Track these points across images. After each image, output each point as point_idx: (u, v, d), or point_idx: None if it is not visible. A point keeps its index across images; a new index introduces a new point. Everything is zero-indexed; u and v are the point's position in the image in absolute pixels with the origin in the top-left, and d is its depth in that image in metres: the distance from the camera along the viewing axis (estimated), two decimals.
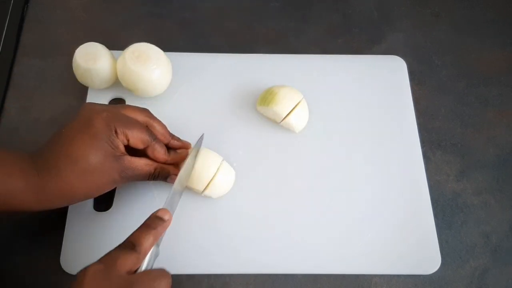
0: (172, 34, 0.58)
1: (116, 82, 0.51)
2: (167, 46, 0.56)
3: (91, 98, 0.51)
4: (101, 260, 0.34)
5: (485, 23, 0.61)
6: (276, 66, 0.55)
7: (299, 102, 0.49)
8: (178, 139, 0.46)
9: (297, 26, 0.60)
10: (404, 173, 0.49)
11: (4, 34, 0.56)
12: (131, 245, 0.35)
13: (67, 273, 0.43)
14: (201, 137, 0.46)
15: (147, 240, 0.36)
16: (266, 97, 0.49)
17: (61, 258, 0.44)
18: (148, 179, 0.42)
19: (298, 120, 0.49)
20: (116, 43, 0.53)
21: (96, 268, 0.32)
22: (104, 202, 0.46)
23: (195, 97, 0.52)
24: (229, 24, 0.59)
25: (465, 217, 0.49)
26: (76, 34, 0.57)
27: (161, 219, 0.38)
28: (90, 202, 0.46)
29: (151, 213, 0.38)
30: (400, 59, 0.56)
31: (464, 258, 0.47)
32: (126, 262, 0.34)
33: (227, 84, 0.53)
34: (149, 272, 0.35)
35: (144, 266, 0.35)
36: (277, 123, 0.51)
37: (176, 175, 0.43)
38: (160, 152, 0.42)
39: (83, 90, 0.52)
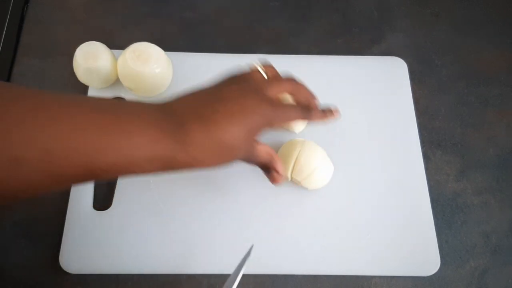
0: (172, 34, 0.58)
1: (116, 82, 0.52)
2: (167, 46, 0.56)
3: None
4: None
5: (485, 23, 0.61)
6: (276, 67, 0.54)
7: None
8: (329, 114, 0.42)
9: (297, 26, 0.60)
10: (404, 174, 0.49)
11: (4, 34, 0.56)
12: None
13: (66, 272, 0.43)
14: (251, 249, 0.41)
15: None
16: None
17: (60, 257, 0.44)
18: (259, 166, 0.40)
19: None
20: (116, 43, 0.53)
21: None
22: (103, 202, 0.47)
23: None
24: (229, 24, 0.59)
25: (465, 217, 0.49)
26: (76, 34, 0.57)
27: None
28: (89, 201, 0.46)
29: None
30: (401, 60, 0.56)
31: (464, 258, 0.47)
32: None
33: None
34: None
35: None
36: None
37: (281, 175, 0.40)
38: (318, 114, 0.40)
39: (83, 90, 0.52)
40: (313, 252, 0.45)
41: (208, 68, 0.54)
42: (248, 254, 0.40)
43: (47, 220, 0.46)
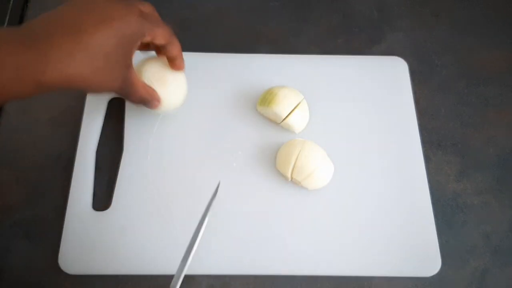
0: None
1: None
2: None
3: (90, 98, 0.51)
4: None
5: (485, 23, 0.61)
6: (276, 67, 0.55)
7: (299, 103, 0.49)
8: (183, 60, 0.45)
9: (297, 26, 0.60)
10: (404, 174, 0.49)
11: None
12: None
13: (65, 273, 0.43)
14: (217, 187, 0.42)
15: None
16: (266, 97, 0.49)
17: (59, 257, 0.44)
18: (136, 102, 0.41)
19: (298, 120, 0.49)
20: None
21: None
22: (102, 202, 0.46)
23: (195, 97, 0.52)
24: (229, 24, 0.59)
25: (465, 217, 0.49)
26: None
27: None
28: (88, 202, 0.46)
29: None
30: (401, 59, 0.56)
31: (465, 258, 0.47)
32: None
33: (227, 84, 0.53)
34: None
35: None
36: (277, 124, 0.51)
37: (159, 101, 0.43)
38: (178, 48, 0.42)
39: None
40: (313, 252, 0.45)
41: (207, 68, 0.54)
42: (215, 193, 0.41)
43: (46, 220, 0.46)
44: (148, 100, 0.42)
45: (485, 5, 0.62)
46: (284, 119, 0.48)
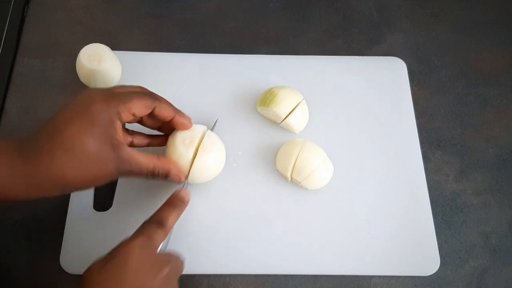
0: (172, 34, 0.58)
1: (118, 83, 0.52)
2: (167, 46, 0.56)
3: None
4: (138, 235, 0.35)
5: (484, 23, 0.61)
6: (276, 67, 0.55)
7: (299, 103, 0.49)
8: (183, 114, 0.43)
9: (297, 27, 0.60)
10: (403, 174, 0.49)
11: (4, 35, 0.56)
12: (159, 222, 0.37)
13: (67, 273, 0.43)
14: (215, 123, 0.46)
15: (173, 218, 0.38)
16: (266, 98, 0.49)
17: (61, 258, 0.44)
18: (147, 177, 0.39)
19: (298, 121, 0.49)
20: (116, 44, 0.53)
21: (140, 243, 0.35)
22: (104, 202, 0.47)
23: (195, 98, 0.52)
24: (229, 25, 0.59)
25: (465, 217, 0.49)
26: (76, 34, 0.57)
27: (182, 200, 0.40)
28: (90, 202, 0.46)
29: (172, 193, 0.41)
30: (401, 60, 0.56)
31: (464, 258, 0.47)
32: (158, 238, 0.36)
33: (227, 84, 0.53)
34: (173, 253, 0.38)
35: (164, 245, 0.38)
36: (277, 124, 0.51)
37: (178, 171, 0.41)
38: (168, 109, 0.40)
39: (84, 90, 0.52)
40: (313, 252, 0.45)
41: (207, 69, 0.54)
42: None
43: (47, 221, 0.46)
44: (158, 172, 0.40)
45: (484, 5, 0.62)
46: (284, 119, 0.48)
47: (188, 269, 0.44)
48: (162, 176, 0.40)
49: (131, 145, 0.42)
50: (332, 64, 0.55)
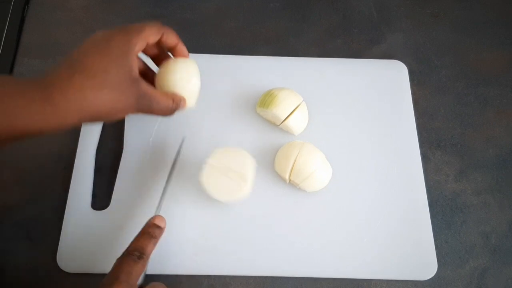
0: None
1: None
2: None
3: None
4: (117, 271, 0.35)
5: (484, 23, 0.61)
6: (276, 69, 0.55)
7: (298, 105, 0.49)
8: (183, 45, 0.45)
9: (297, 27, 0.60)
10: (402, 179, 0.49)
11: (4, 35, 0.56)
12: (138, 254, 0.37)
13: (64, 272, 0.44)
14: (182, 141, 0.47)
15: (150, 248, 0.38)
16: (265, 99, 0.49)
17: (57, 256, 0.44)
18: (167, 113, 0.41)
19: (297, 122, 0.49)
20: None
21: (122, 281, 0.34)
22: (101, 201, 0.47)
23: None
24: (229, 25, 0.59)
25: (465, 217, 0.49)
26: (76, 34, 0.57)
27: (158, 227, 0.40)
28: (87, 201, 0.46)
29: (147, 220, 0.41)
30: (401, 63, 0.56)
31: (464, 258, 0.47)
32: (138, 271, 0.36)
33: (226, 85, 0.53)
34: (156, 284, 0.38)
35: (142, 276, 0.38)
36: (276, 126, 0.51)
37: (185, 100, 0.42)
38: (173, 36, 0.42)
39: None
40: (311, 254, 0.45)
41: (207, 69, 0.54)
42: (180, 147, 0.45)
43: (46, 220, 0.46)
44: (177, 106, 0.41)
45: (484, 5, 0.62)
46: (283, 121, 0.48)
47: (188, 270, 0.44)
48: (180, 108, 0.42)
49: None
50: (332, 66, 0.55)
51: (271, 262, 0.45)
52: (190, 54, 0.55)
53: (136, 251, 0.37)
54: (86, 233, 0.45)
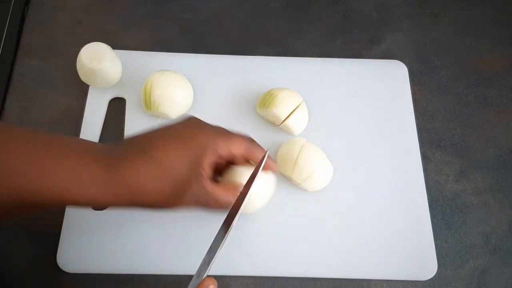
0: (172, 35, 0.58)
1: (117, 82, 0.52)
2: (166, 46, 0.56)
3: (92, 98, 0.51)
4: None
5: (484, 23, 0.61)
6: (276, 69, 0.55)
7: (298, 105, 0.49)
8: (273, 160, 0.42)
9: (297, 27, 0.60)
10: (402, 179, 0.49)
11: (4, 35, 0.56)
12: None
13: (64, 272, 0.44)
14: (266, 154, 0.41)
15: None
16: (265, 99, 0.49)
17: (57, 256, 0.44)
18: (224, 209, 0.38)
19: (297, 122, 0.49)
20: (116, 44, 0.53)
21: None
22: None
23: (194, 99, 0.52)
24: (229, 25, 0.59)
25: (465, 217, 0.49)
26: (76, 34, 0.57)
27: None
28: None
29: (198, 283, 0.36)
30: (401, 63, 0.56)
31: (464, 258, 0.47)
32: None
33: (227, 86, 0.53)
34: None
35: None
36: (276, 126, 0.51)
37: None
38: (259, 150, 0.39)
39: (84, 90, 0.52)
40: (312, 254, 0.45)
41: (207, 69, 0.54)
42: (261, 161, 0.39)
43: (46, 219, 0.46)
44: (232, 200, 0.38)
45: (484, 5, 0.62)
46: (284, 121, 0.48)
47: (188, 270, 0.44)
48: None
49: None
50: (332, 66, 0.55)
51: (271, 262, 0.45)
52: (190, 54, 0.55)
53: None
54: (86, 233, 0.45)
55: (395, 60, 0.56)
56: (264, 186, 0.41)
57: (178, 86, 0.49)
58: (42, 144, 0.34)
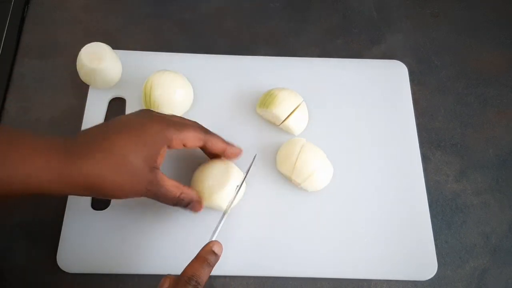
0: (172, 35, 0.58)
1: (118, 82, 0.52)
2: (166, 47, 0.56)
3: (92, 98, 0.51)
4: None
5: (484, 23, 0.61)
6: (276, 69, 0.55)
7: (298, 105, 0.49)
8: (233, 145, 0.45)
9: (297, 27, 0.60)
10: (402, 179, 0.49)
11: (4, 35, 0.56)
12: (196, 282, 0.35)
13: (64, 272, 0.44)
14: (254, 158, 0.46)
15: (206, 275, 0.36)
16: (265, 99, 0.49)
17: (57, 256, 0.44)
18: (171, 203, 0.41)
19: (297, 122, 0.49)
20: (116, 44, 0.53)
21: None
22: (101, 201, 0.47)
23: (194, 99, 0.52)
24: (229, 25, 0.59)
25: (465, 217, 0.49)
26: (76, 34, 0.57)
27: (216, 255, 0.38)
28: (88, 201, 0.46)
29: (204, 245, 0.38)
30: (401, 63, 0.56)
31: (464, 258, 0.47)
32: None
33: (227, 85, 0.53)
34: None
35: None
36: (276, 126, 0.51)
37: (199, 202, 0.42)
38: (218, 142, 0.42)
39: (83, 90, 0.52)
40: (312, 254, 0.45)
41: (207, 69, 0.54)
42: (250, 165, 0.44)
43: (46, 220, 0.46)
44: (183, 200, 0.41)
45: (484, 5, 0.62)
46: (284, 121, 0.48)
47: None
48: (184, 205, 0.42)
49: None
50: (332, 66, 0.55)
51: (271, 262, 0.45)
52: (190, 54, 0.55)
53: (193, 280, 0.34)
54: (86, 233, 0.45)
55: (395, 60, 0.56)
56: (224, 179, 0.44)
57: (178, 86, 0.49)
58: (1, 137, 0.35)
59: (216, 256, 0.38)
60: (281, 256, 0.45)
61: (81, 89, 0.52)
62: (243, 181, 0.44)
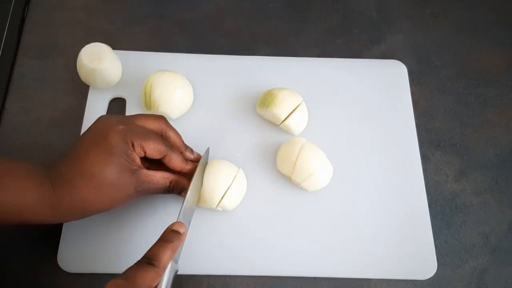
0: (172, 34, 0.58)
1: (118, 82, 0.52)
2: (166, 46, 0.56)
3: (92, 98, 0.51)
4: (120, 276, 0.33)
5: (484, 23, 0.61)
6: (276, 69, 0.55)
7: (298, 105, 0.49)
8: (191, 151, 0.46)
9: (297, 27, 0.60)
10: (402, 179, 0.49)
11: (5, 35, 0.56)
12: (149, 260, 0.35)
13: (65, 272, 0.44)
14: (207, 151, 0.47)
15: (165, 254, 0.36)
16: (265, 99, 0.49)
17: (58, 256, 0.44)
18: (164, 193, 0.42)
19: (297, 122, 0.49)
20: (116, 44, 0.53)
21: (115, 283, 0.32)
22: None
23: (194, 99, 0.52)
24: (229, 25, 0.59)
25: (464, 217, 0.49)
26: (76, 34, 0.57)
27: (177, 233, 0.38)
28: None
29: (166, 227, 0.39)
30: (401, 63, 0.56)
31: (463, 258, 0.47)
32: (145, 278, 0.33)
33: (226, 86, 0.53)
34: None
35: (163, 282, 0.35)
36: (276, 126, 0.51)
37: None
38: (177, 161, 0.42)
39: (84, 90, 0.52)
40: (312, 254, 0.45)
41: (207, 69, 0.54)
42: (205, 156, 0.45)
43: None
44: (175, 188, 0.42)
45: (484, 6, 0.62)
46: (283, 121, 0.48)
47: (188, 270, 0.44)
48: (176, 191, 0.43)
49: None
50: (332, 66, 0.55)
51: (271, 262, 0.45)
52: (190, 54, 0.55)
53: (147, 258, 0.35)
54: (86, 233, 0.45)
55: (395, 60, 0.56)
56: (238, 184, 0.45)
57: (178, 86, 0.49)
58: None
59: (178, 234, 0.38)
60: (281, 256, 0.45)
61: (81, 89, 0.52)
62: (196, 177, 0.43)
